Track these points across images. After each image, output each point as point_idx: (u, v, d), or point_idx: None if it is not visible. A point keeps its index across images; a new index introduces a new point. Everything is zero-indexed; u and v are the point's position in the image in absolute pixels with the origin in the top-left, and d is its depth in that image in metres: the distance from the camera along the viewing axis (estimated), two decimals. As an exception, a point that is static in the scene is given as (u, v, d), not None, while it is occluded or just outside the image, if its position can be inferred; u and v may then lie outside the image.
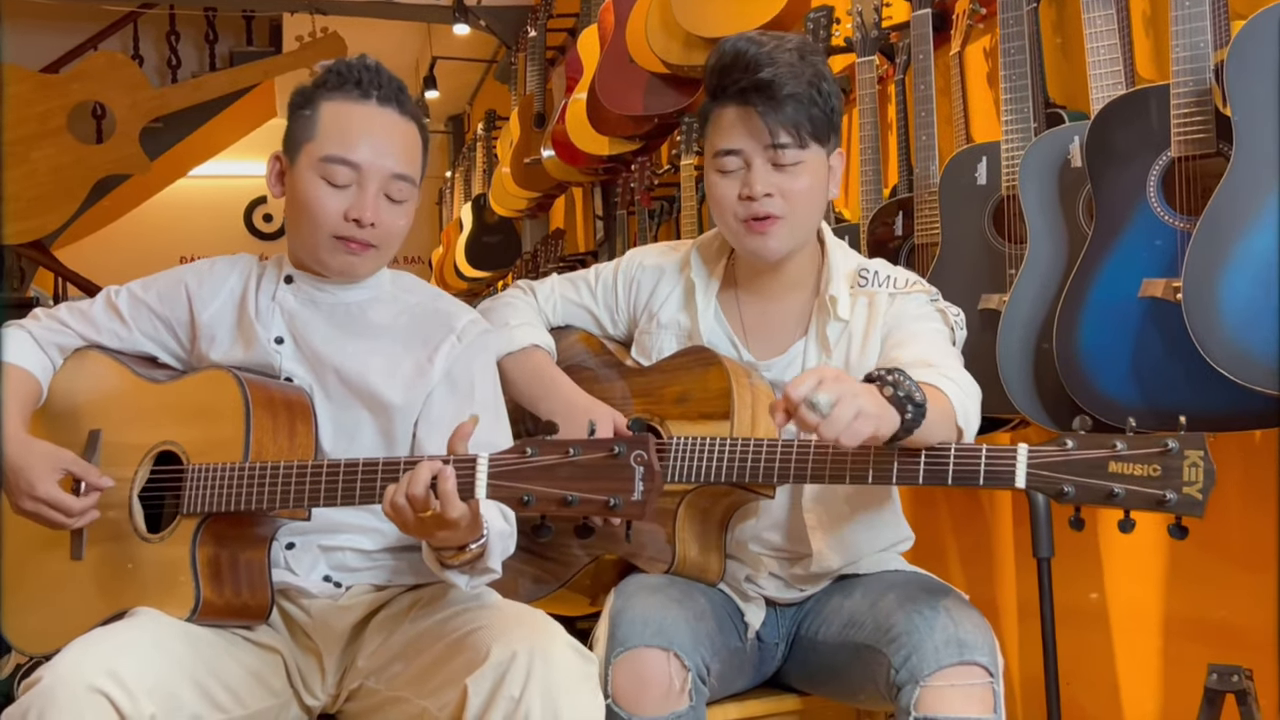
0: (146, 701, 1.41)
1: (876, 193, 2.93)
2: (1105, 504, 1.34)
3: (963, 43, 2.83)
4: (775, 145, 1.68)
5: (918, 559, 3.27)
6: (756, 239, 1.73)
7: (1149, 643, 2.40)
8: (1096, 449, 1.35)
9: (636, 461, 1.28)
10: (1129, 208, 1.96)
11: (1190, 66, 1.88)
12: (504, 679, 1.41)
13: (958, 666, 1.50)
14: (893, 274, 1.81)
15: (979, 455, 1.42)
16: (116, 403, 1.73)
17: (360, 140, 1.66)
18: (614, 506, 1.28)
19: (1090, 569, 2.54)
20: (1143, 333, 1.92)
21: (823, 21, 3.18)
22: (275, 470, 1.54)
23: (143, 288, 1.80)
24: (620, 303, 1.87)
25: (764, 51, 1.69)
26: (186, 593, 1.56)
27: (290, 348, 1.72)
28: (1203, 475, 1.32)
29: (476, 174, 7.50)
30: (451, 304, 1.80)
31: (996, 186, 2.37)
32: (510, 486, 1.32)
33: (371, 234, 1.67)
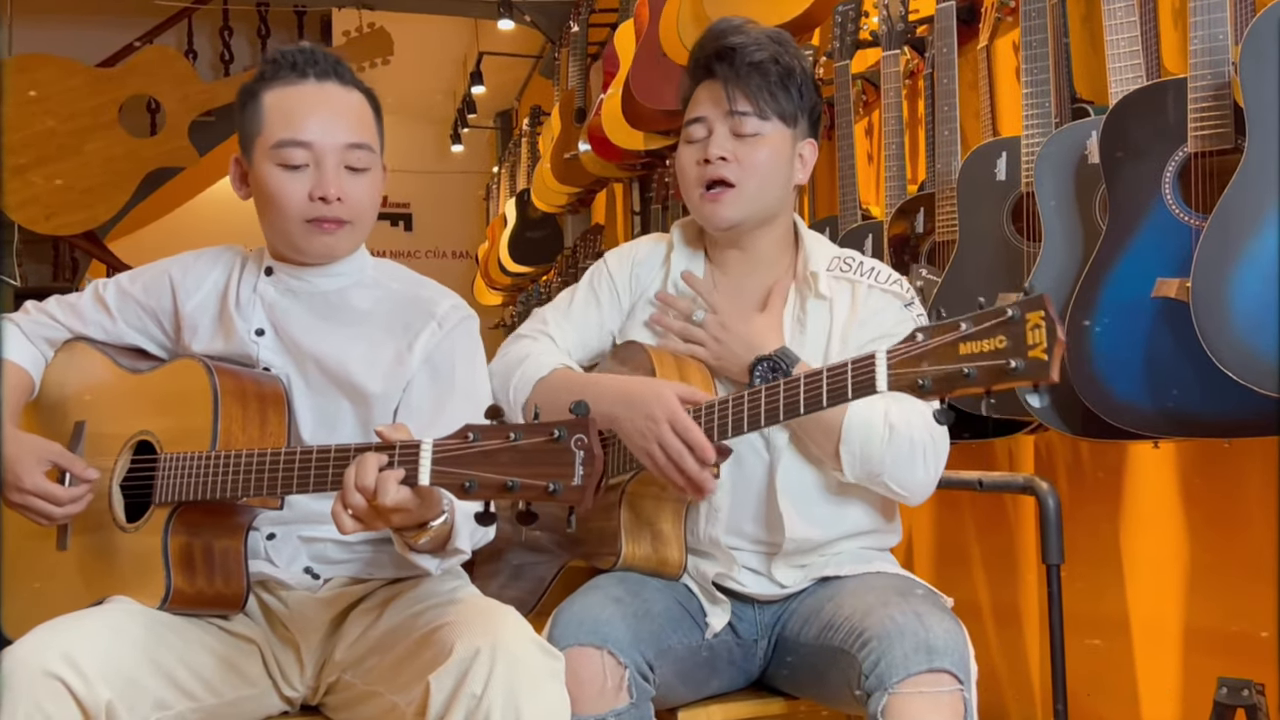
0: (103, 687, 1.41)
1: (901, 188, 2.88)
2: (961, 387, 1.29)
3: (990, 36, 2.77)
4: (734, 112, 1.71)
5: (939, 564, 3.25)
6: (709, 206, 1.74)
7: (1168, 654, 2.33)
8: (945, 334, 1.31)
9: (577, 446, 1.25)
10: (1144, 205, 1.90)
11: (1209, 59, 1.81)
12: (466, 676, 1.40)
13: (926, 674, 1.46)
14: (875, 266, 1.79)
15: (844, 370, 1.42)
16: (100, 394, 1.75)
17: (307, 119, 1.65)
18: (553, 492, 1.25)
19: (1111, 577, 2.48)
20: (1156, 334, 1.87)
21: (850, 15, 3.13)
22: (239, 459, 1.53)
23: (129, 280, 1.81)
24: (621, 290, 1.85)
25: (734, 26, 1.73)
26: (158, 581, 1.56)
27: (270, 339, 1.71)
28: (1045, 335, 1.25)
29: (521, 169, 7.51)
30: (434, 290, 1.78)
31: (1016, 182, 2.31)
32: (453, 472, 1.30)
33: (340, 209, 1.65)
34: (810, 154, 1.79)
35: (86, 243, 7.18)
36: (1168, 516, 2.34)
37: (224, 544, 1.61)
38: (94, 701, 1.40)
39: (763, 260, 1.80)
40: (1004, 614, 2.90)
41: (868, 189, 3.37)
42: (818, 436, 1.67)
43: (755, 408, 1.52)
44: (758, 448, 1.71)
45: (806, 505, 1.70)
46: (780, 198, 1.77)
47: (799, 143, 1.77)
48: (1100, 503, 2.52)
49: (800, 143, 1.77)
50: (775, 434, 1.70)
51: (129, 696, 1.45)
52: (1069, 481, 2.63)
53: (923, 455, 1.64)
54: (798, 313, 1.76)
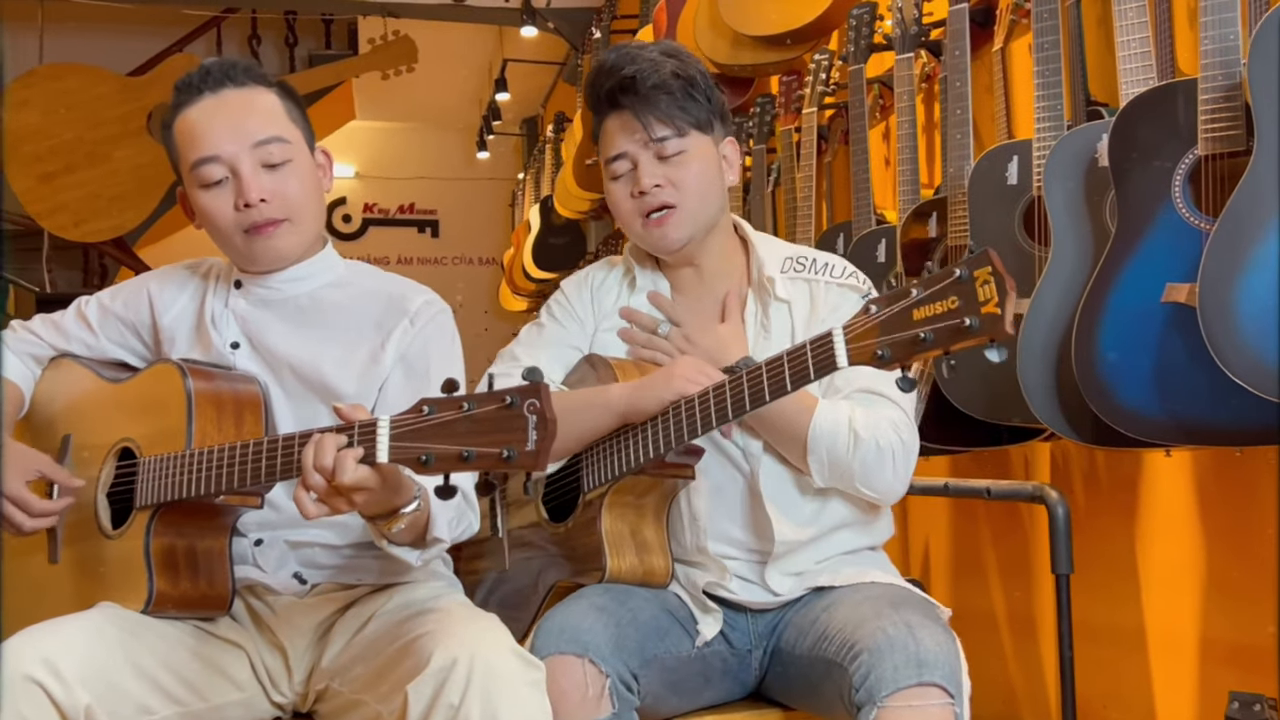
0: (81, 691, 1.41)
1: (914, 193, 2.85)
2: (919, 351, 1.29)
3: (1006, 39, 2.74)
4: (654, 139, 1.71)
5: (954, 573, 3.21)
6: (656, 232, 1.74)
7: (1184, 666, 2.28)
8: (898, 302, 1.32)
9: (529, 410, 1.23)
10: (1154, 208, 1.86)
11: (1220, 60, 1.78)
12: (444, 686, 1.38)
13: (916, 688, 1.43)
14: (829, 262, 1.79)
15: (804, 351, 1.43)
16: (84, 406, 1.76)
17: (207, 132, 1.64)
18: (508, 458, 1.23)
19: (1127, 587, 2.43)
20: (1165, 340, 1.83)
21: (865, 19, 3.11)
22: (212, 454, 1.53)
23: (110, 296, 1.83)
24: (584, 315, 1.85)
25: (627, 54, 1.73)
26: (141, 585, 1.56)
27: (246, 351, 1.72)
28: (995, 290, 1.24)
29: (545, 176, 7.52)
30: (406, 287, 1.77)
31: (1028, 186, 2.28)
32: (410, 447, 1.29)
33: (270, 209, 1.64)
34: (732, 152, 1.80)
35: (115, 249, 7.25)
36: (1183, 526, 2.29)
37: (207, 545, 1.61)
38: (73, 705, 1.41)
39: (715, 271, 1.81)
40: (1019, 624, 2.86)
41: (886, 193, 3.34)
42: (786, 445, 1.67)
43: (721, 400, 1.52)
44: (736, 458, 1.71)
45: (791, 506, 1.69)
46: (720, 205, 1.78)
47: (719, 145, 1.78)
48: (1116, 512, 2.47)
49: (721, 144, 1.78)
50: (750, 441, 1.70)
51: (109, 700, 1.45)
52: (1085, 490, 2.59)
53: (891, 459, 1.63)
54: (760, 318, 1.76)
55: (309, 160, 1.70)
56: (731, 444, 1.70)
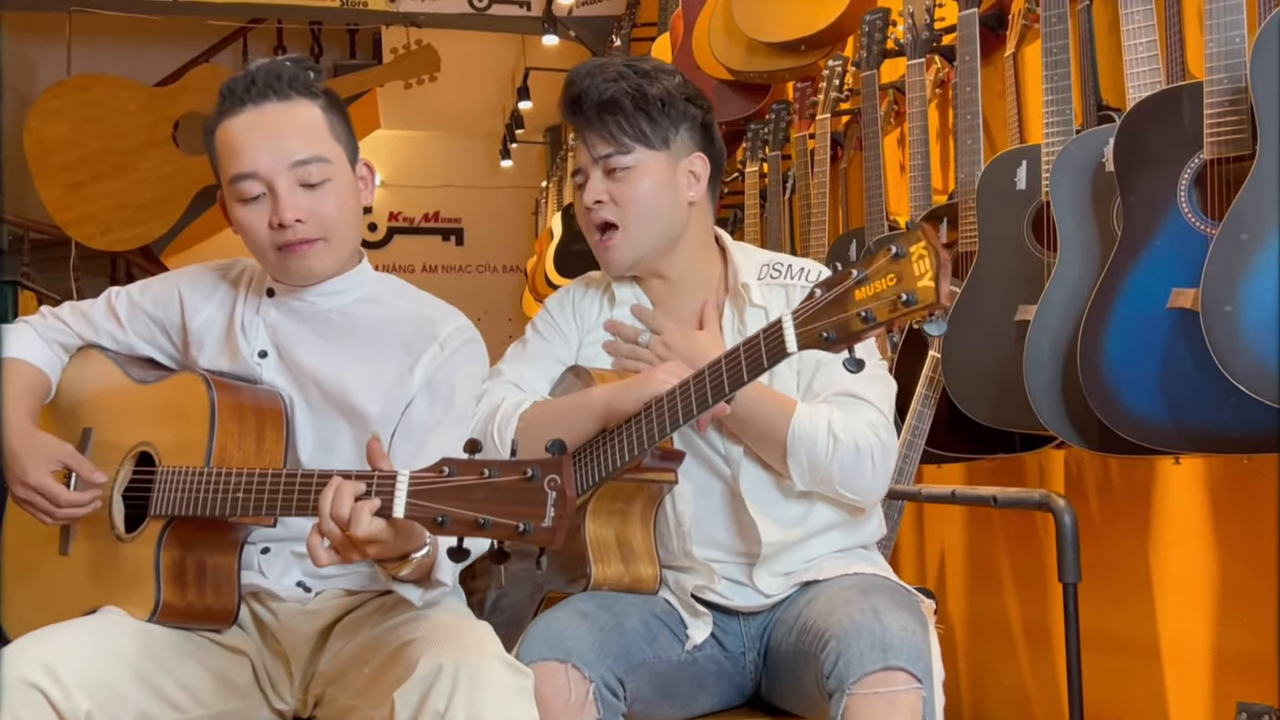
0: (82, 697, 1.41)
1: (926, 198, 2.84)
2: (861, 331, 1.31)
3: (1018, 43, 2.72)
4: (597, 157, 1.71)
5: (970, 582, 3.19)
6: (603, 253, 1.75)
7: (1197, 675, 2.26)
8: (841, 284, 1.33)
9: (550, 486, 1.22)
10: (1159, 213, 1.84)
11: (1225, 63, 1.76)
12: (430, 693, 1.38)
13: (881, 672, 1.42)
14: (804, 266, 1.78)
15: (757, 341, 1.43)
16: (108, 402, 1.75)
17: (248, 147, 1.62)
18: (524, 532, 1.23)
19: (1141, 596, 2.41)
20: (1171, 346, 1.81)
21: (878, 24, 3.10)
22: (232, 477, 1.53)
23: (140, 291, 1.81)
24: (568, 330, 1.85)
25: (587, 69, 1.73)
26: (148, 593, 1.56)
27: (273, 361, 1.71)
28: (931, 264, 1.25)
29: (567, 184, 7.54)
30: (439, 310, 1.77)
31: (1037, 191, 2.27)
32: (427, 506, 1.28)
33: (305, 229, 1.62)
34: (701, 167, 1.76)
35: (142, 258, 7.33)
36: (1196, 535, 2.27)
37: (217, 559, 1.61)
38: (72, 711, 1.41)
39: (688, 282, 1.80)
40: (1034, 633, 2.84)
41: (903, 199, 3.33)
42: (766, 448, 1.67)
43: (687, 395, 1.53)
44: (717, 463, 1.71)
45: (775, 508, 1.69)
46: (673, 222, 1.75)
47: (681, 161, 1.73)
48: (1130, 520, 2.45)
49: (685, 159, 1.74)
50: (731, 446, 1.70)
51: (110, 707, 1.45)
52: (1099, 498, 2.57)
53: (870, 460, 1.63)
54: (737, 324, 1.75)
55: (349, 177, 1.68)
56: (712, 450, 1.70)
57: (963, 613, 3.19)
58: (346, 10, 6.67)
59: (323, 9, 6.73)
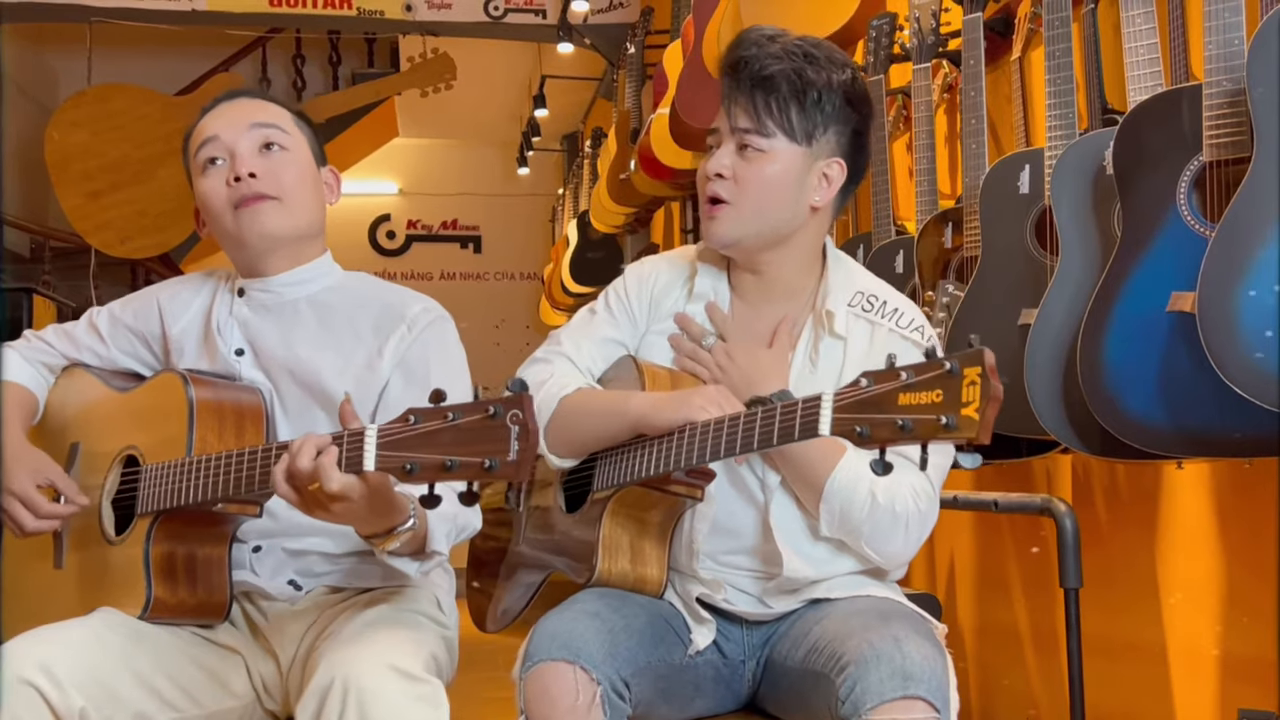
0: (76, 695, 1.44)
1: (932, 203, 2.83)
2: (898, 439, 1.25)
3: (1024, 47, 2.71)
4: (735, 128, 1.64)
5: (979, 587, 3.17)
6: (706, 224, 1.69)
7: (1204, 681, 2.24)
8: (887, 382, 1.27)
9: (512, 421, 1.23)
10: (1159, 216, 1.83)
11: (1224, 65, 1.75)
12: (323, 706, 1.41)
13: (901, 700, 1.40)
14: (899, 307, 1.71)
15: (794, 409, 1.38)
16: (92, 415, 1.79)
17: (213, 122, 1.73)
18: (490, 468, 1.23)
19: (1148, 602, 2.39)
20: (1171, 350, 1.80)
21: (885, 29, 3.09)
22: (210, 461, 1.55)
23: (121, 306, 1.86)
24: (639, 314, 1.80)
25: (755, 36, 1.65)
26: (140, 591, 1.59)
27: (249, 358, 1.74)
28: (980, 394, 1.19)
29: (583, 191, 7.56)
30: (404, 295, 1.79)
31: (1040, 195, 2.25)
32: (395, 455, 1.30)
33: (260, 184, 1.68)
34: (837, 174, 1.68)
35: (161, 266, 7.38)
36: (1202, 540, 2.25)
37: (207, 553, 1.63)
38: (68, 708, 1.43)
39: (781, 288, 1.73)
40: (1042, 638, 2.82)
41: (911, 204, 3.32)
42: (802, 487, 1.64)
43: (718, 437, 1.48)
44: (752, 488, 1.68)
45: (802, 545, 1.66)
46: (788, 219, 1.68)
47: (819, 162, 1.66)
48: (1137, 525, 2.43)
49: (822, 162, 1.66)
50: (769, 474, 1.66)
51: (106, 706, 1.47)
52: (1106, 503, 2.55)
53: (904, 527, 1.59)
54: (810, 350, 1.69)
55: (310, 163, 1.75)
56: (750, 474, 1.67)
57: (971, 618, 3.18)
58: (363, 19, 6.70)
59: (340, 18, 6.76)
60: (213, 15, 6.58)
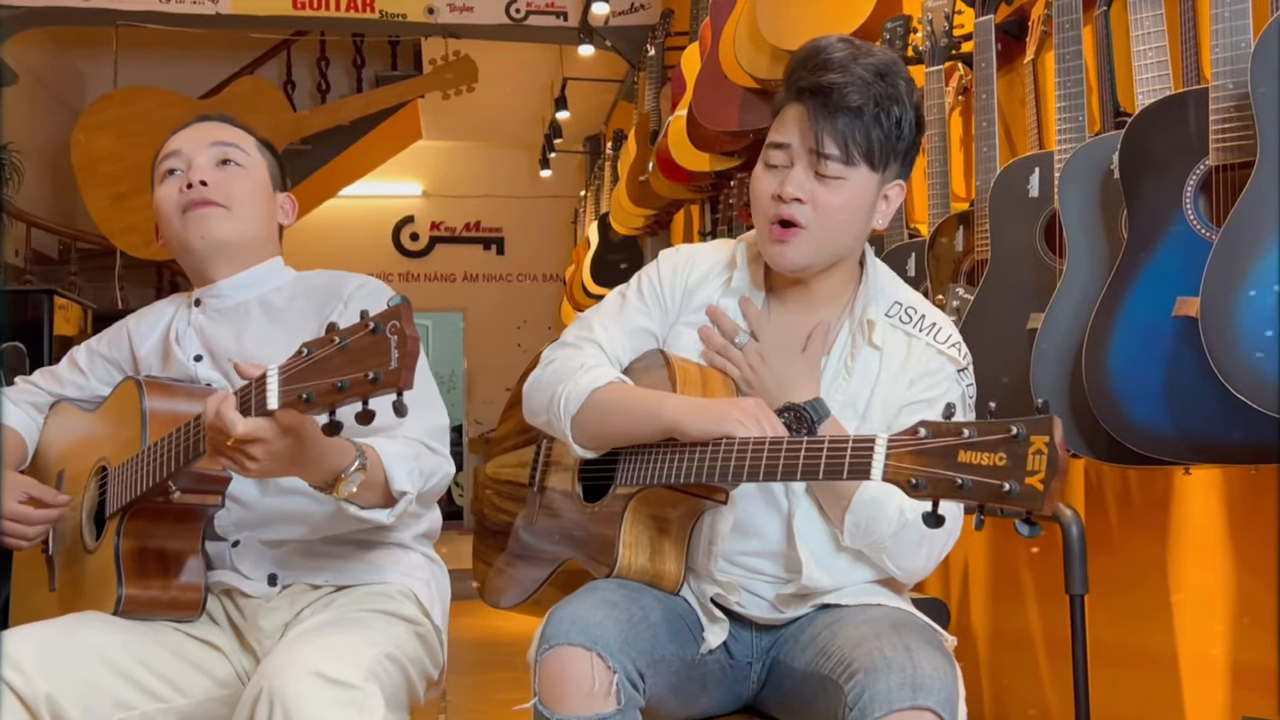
0: (41, 681, 1.50)
1: (944, 206, 2.82)
2: (954, 496, 1.23)
3: (1037, 50, 2.70)
4: (819, 153, 1.60)
5: (992, 593, 3.15)
6: (776, 246, 1.65)
7: (1215, 689, 2.22)
8: (947, 436, 1.25)
9: (391, 332, 1.26)
10: (1165, 220, 1.82)
11: (1230, 68, 1.74)
12: (253, 714, 1.43)
13: (909, 711, 1.39)
14: (937, 321, 1.69)
15: (844, 448, 1.37)
16: (73, 441, 1.87)
17: (179, 138, 1.81)
18: (374, 380, 1.26)
19: (1159, 608, 2.37)
20: (1176, 355, 1.78)
21: (899, 31, 3.08)
22: (154, 447, 1.60)
23: (97, 340, 1.94)
24: (670, 304, 1.76)
25: (838, 57, 1.60)
26: (112, 589, 1.63)
27: (208, 361, 1.79)
28: (1046, 464, 1.17)
29: (604, 193, 7.57)
30: (345, 277, 1.83)
31: (1049, 199, 2.24)
32: (292, 389, 1.32)
33: (209, 191, 1.74)
34: (897, 195, 1.67)
35: (185, 268, 7.44)
36: (1214, 547, 2.23)
37: (178, 547, 1.67)
38: (33, 695, 1.49)
39: (822, 298, 1.71)
40: (1055, 645, 2.80)
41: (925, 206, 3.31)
42: (828, 497, 1.63)
43: (757, 459, 1.47)
44: (777, 493, 1.67)
45: (824, 554, 1.66)
46: (853, 242, 1.67)
47: (885, 185, 1.65)
48: (1148, 531, 2.41)
49: (887, 185, 1.65)
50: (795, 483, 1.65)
51: (80, 695, 1.52)
52: (1118, 509, 2.53)
53: (929, 544, 1.59)
54: (846, 358, 1.68)
55: (264, 181, 1.82)
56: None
57: (984, 624, 3.16)
58: (385, 22, 6.75)
59: (362, 21, 6.81)
60: (236, 19, 6.65)
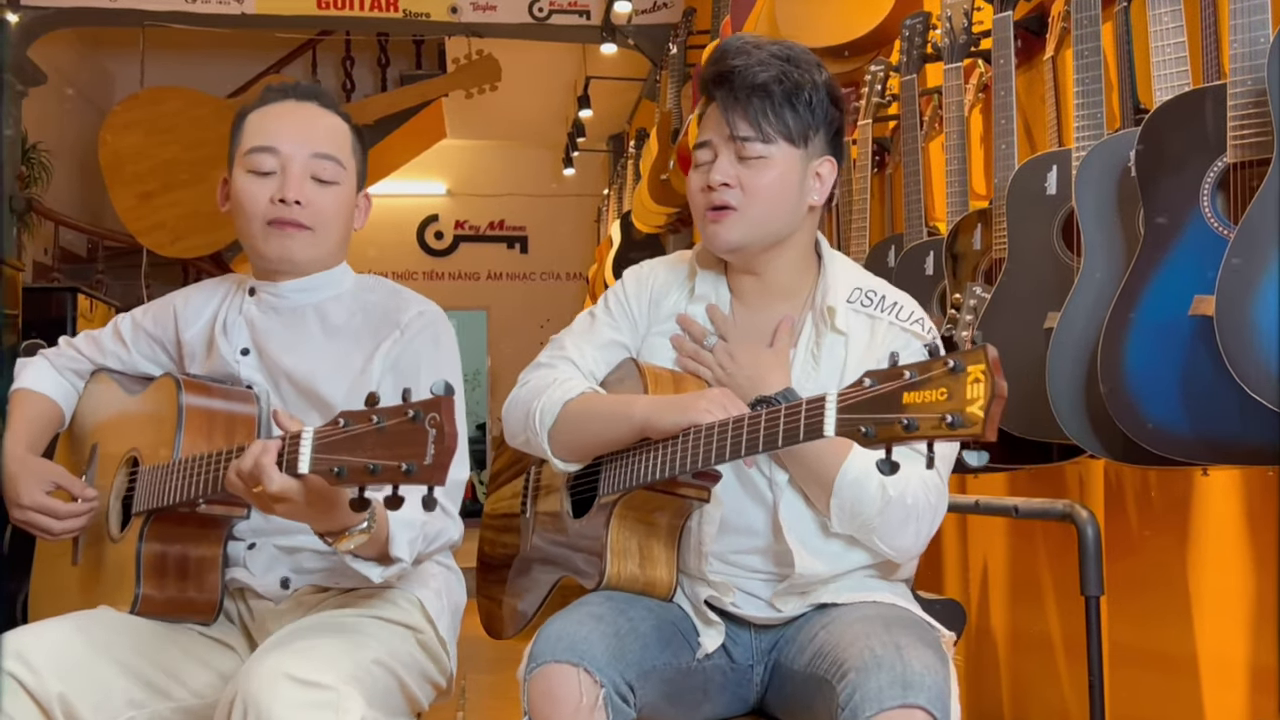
0: (54, 681, 1.49)
1: (963, 204, 2.80)
2: (903, 439, 1.23)
3: (1057, 46, 2.67)
4: (737, 137, 1.65)
5: (1012, 596, 3.12)
6: (711, 228, 1.68)
7: (1235, 692, 2.19)
8: (891, 381, 1.25)
9: (430, 425, 1.24)
10: (1182, 218, 1.80)
11: (1248, 64, 1.72)
12: (229, 718, 1.44)
13: (899, 709, 1.39)
14: (898, 301, 1.71)
15: (799, 411, 1.37)
16: (109, 418, 1.85)
17: (279, 128, 1.71)
18: (408, 472, 1.24)
19: (1179, 610, 2.35)
20: (1193, 355, 1.76)
21: (918, 28, 3.06)
22: (188, 463, 1.59)
23: (143, 313, 1.90)
24: (639, 316, 1.80)
25: (737, 44, 1.66)
26: (130, 587, 1.63)
27: (253, 358, 1.77)
28: (984, 390, 1.17)
29: (627, 191, 7.57)
30: (406, 298, 1.80)
31: (1067, 197, 2.22)
32: (326, 459, 1.30)
33: (301, 213, 1.69)
34: (829, 172, 1.71)
35: (212, 265, 7.50)
36: (1234, 548, 2.20)
37: (200, 553, 1.67)
38: (45, 694, 1.49)
39: (780, 288, 1.74)
40: (1076, 647, 2.77)
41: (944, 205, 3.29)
42: (811, 485, 1.63)
43: (723, 439, 1.48)
44: (760, 487, 1.67)
45: (814, 542, 1.65)
46: (790, 221, 1.70)
47: (813, 162, 1.69)
48: (1169, 533, 2.39)
49: (815, 161, 1.69)
50: (777, 472, 1.65)
51: (92, 693, 1.52)
52: (1138, 510, 2.51)
53: (915, 520, 1.59)
54: (812, 347, 1.70)
55: (352, 192, 1.76)
56: (758, 473, 1.66)
57: (1004, 626, 3.14)
58: (409, 21, 6.78)
59: (387, 20, 6.84)
60: (262, 19, 6.69)
